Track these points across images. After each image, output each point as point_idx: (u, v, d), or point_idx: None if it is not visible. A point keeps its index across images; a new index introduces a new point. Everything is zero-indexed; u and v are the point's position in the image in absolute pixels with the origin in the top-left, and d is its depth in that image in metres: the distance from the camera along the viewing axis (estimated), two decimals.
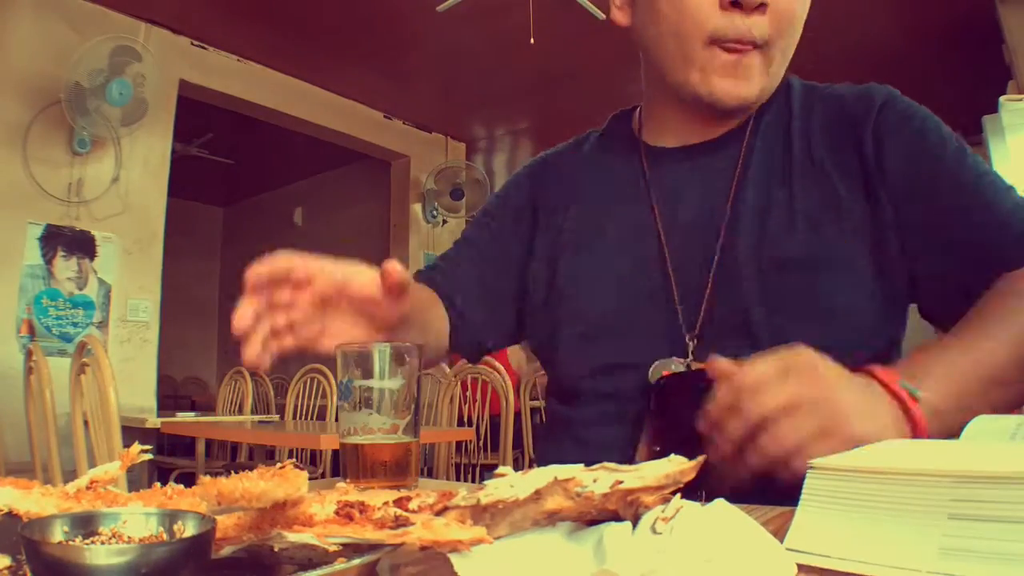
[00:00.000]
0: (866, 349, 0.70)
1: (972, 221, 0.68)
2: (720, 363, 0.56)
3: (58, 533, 0.31)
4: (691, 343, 0.72)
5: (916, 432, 0.53)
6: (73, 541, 0.31)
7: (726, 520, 0.32)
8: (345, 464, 0.59)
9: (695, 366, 0.70)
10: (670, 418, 0.69)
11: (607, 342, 0.77)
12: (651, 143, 0.84)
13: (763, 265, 0.70)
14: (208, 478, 0.33)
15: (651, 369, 0.72)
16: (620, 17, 0.81)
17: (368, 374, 0.59)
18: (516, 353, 3.97)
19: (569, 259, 0.82)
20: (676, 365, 0.72)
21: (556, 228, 0.86)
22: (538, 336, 0.87)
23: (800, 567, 0.33)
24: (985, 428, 0.49)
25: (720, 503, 0.33)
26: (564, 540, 0.34)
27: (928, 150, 0.71)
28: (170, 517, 0.33)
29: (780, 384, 0.52)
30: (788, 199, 0.72)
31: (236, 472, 0.34)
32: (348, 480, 0.58)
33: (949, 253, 0.69)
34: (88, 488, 0.42)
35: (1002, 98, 2.66)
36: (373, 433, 0.58)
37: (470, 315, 0.88)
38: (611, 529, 0.33)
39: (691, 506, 0.33)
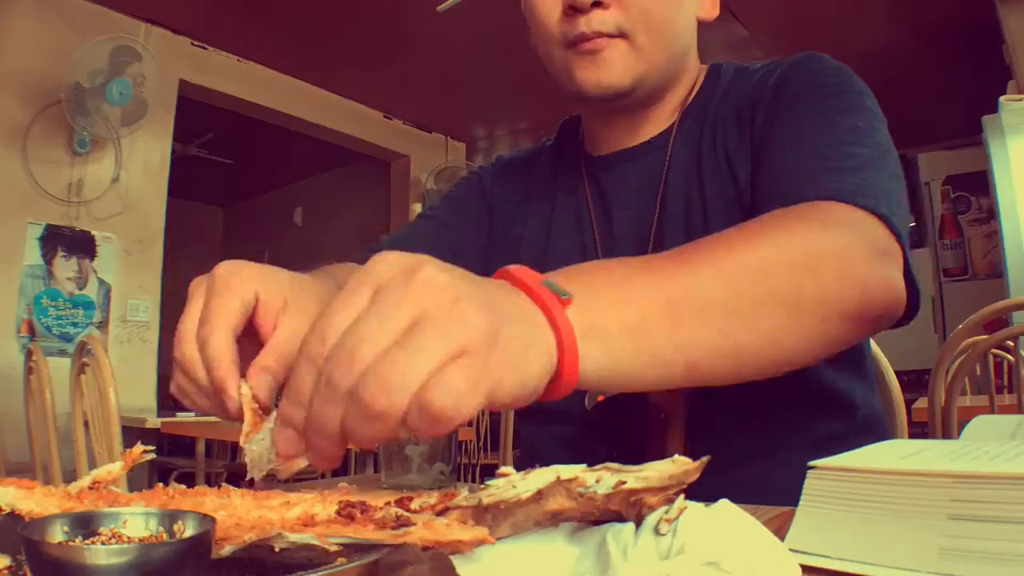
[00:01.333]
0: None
1: (774, 165, 0.65)
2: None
3: (58, 533, 0.31)
4: None
5: (562, 350, 0.37)
6: (73, 541, 0.31)
7: (731, 521, 0.32)
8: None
9: None
10: (616, 438, 0.67)
11: None
12: (589, 151, 0.83)
13: None
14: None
15: (587, 396, 0.70)
16: (530, 39, 0.79)
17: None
18: None
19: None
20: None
21: (512, 240, 0.85)
22: None
23: (801, 567, 0.33)
24: (985, 428, 0.49)
25: (724, 503, 0.34)
26: (566, 542, 0.34)
27: (786, 104, 0.68)
28: (170, 517, 0.33)
29: (376, 306, 0.33)
30: (701, 202, 0.71)
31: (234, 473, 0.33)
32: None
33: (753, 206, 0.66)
34: (90, 488, 0.42)
35: (1002, 98, 2.66)
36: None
37: None
38: (614, 530, 0.33)
39: (695, 507, 0.33)
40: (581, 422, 0.71)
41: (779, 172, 0.63)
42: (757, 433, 0.67)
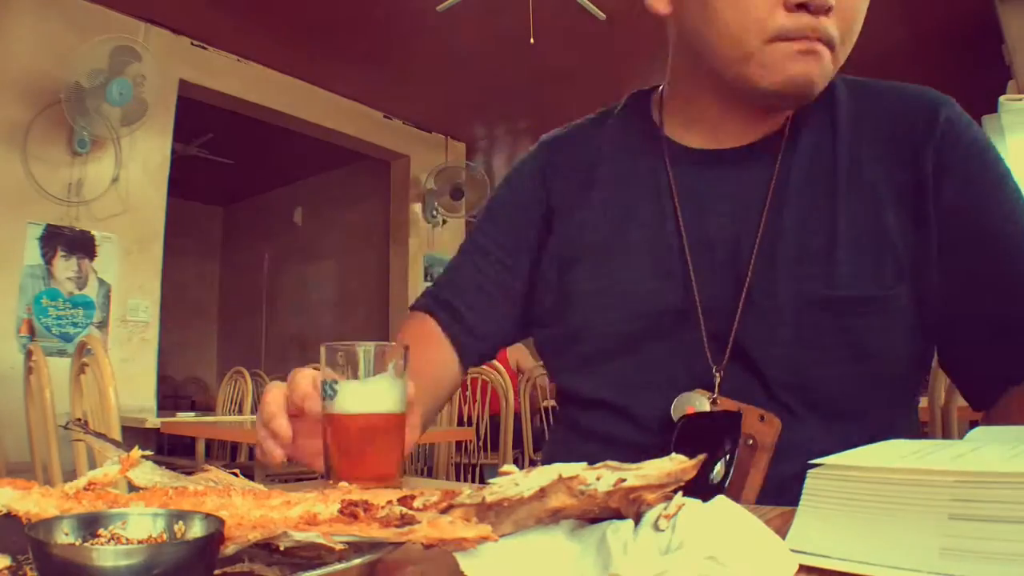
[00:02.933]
0: (896, 381, 0.69)
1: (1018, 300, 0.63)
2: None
3: (63, 534, 0.31)
4: (718, 375, 0.67)
5: None
6: (78, 542, 0.31)
7: (729, 517, 0.32)
8: (325, 445, 0.58)
9: (722, 403, 0.65)
10: (692, 454, 0.66)
11: (621, 362, 0.72)
12: (676, 140, 0.77)
13: (801, 301, 0.66)
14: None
15: (674, 403, 0.67)
16: (658, 5, 0.73)
17: (353, 374, 0.58)
18: (515, 352, 3.96)
19: (586, 266, 0.76)
20: (700, 401, 0.66)
21: (574, 225, 0.79)
22: (544, 344, 0.82)
23: (801, 567, 0.33)
24: (984, 438, 0.49)
25: (721, 499, 0.34)
26: (567, 538, 0.34)
27: (987, 197, 0.66)
28: (174, 518, 0.33)
29: None
30: (831, 224, 0.67)
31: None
32: (332, 481, 0.57)
33: (987, 323, 0.64)
34: (86, 489, 0.42)
35: (1002, 98, 2.66)
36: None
37: (480, 328, 0.85)
38: (614, 527, 0.33)
39: (693, 503, 0.33)
40: (655, 430, 0.69)
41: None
42: None
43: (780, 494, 0.61)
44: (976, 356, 0.67)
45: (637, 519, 0.33)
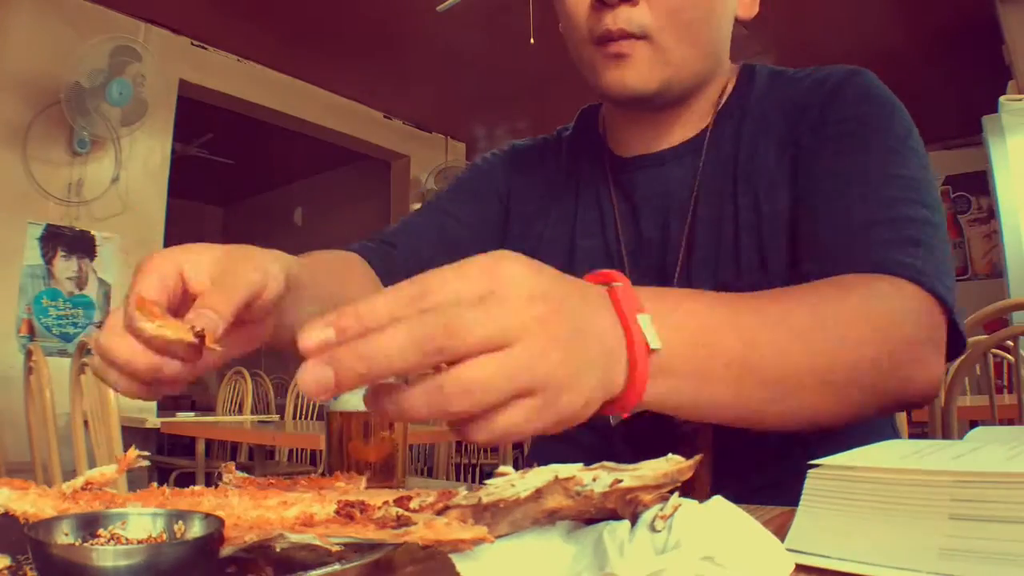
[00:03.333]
0: None
1: (829, 213, 0.63)
2: None
3: (63, 534, 0.31)
4: None
5: (631, 387, 0.38)
6: (78, 542, 0.31)
7: (725, 517, 0.32)
8: (328, 442, 0.58)
9: None
10: (640, 450, 0.67)
11: None
12: (613, 149, 0.80)
13: (715, 286, 0.65)
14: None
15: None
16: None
17: None
18: None
19: None
20: None
21: (533, 239, 0.82)
22: None
23: (800, 567, 0.33)
24: (984, 438, 0.49)
25: (718, 500, 0.34)
26: (563, 540, 0.34)
27: (834, 133, 0.66)
28: (174, 518, 0.33)
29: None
30: (733, 210, 0.69)
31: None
32: (336, 474, 0.57)
33: (804, 245, 0.65)
34: (84, 489, 0.41)
35: (1002, 98, 2.66)
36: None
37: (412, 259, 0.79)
38: (610, 528, 0.33)
39: (689, 504, 0.33)
40: (602, 432, 0.70)
41: (831, 226, 0.62)
42: (780, 443, 0.67)
43: (739, 462, 0.63)
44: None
45: (634, 520, 0.33)
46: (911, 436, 1.07)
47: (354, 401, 0.58)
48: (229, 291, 0.44)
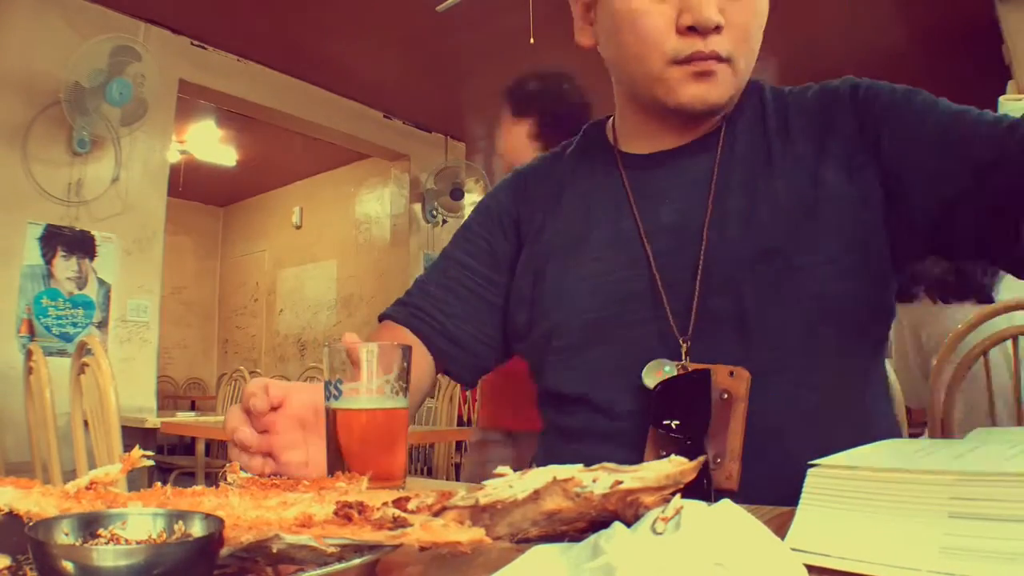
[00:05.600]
0: (856, 326, 0.72)
1: (968, 130, 0.66)
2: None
3: (63, 534, 0.31)
4: (684, 344, 0.72)
5: None
6: (78, 542, 0.31)
7: (732, 521, 0.32)
8: (330, 442, 0.58)
9: (691, 367, 0.70)
10: (679, 416, 0.68)
11: (596, 350, 0.76)
12: (626, 151, 0.84)
13: (751, 256, 0.70)
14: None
15: (643, 372, 0.71)
16: (584, 39, 0.83)
17: (356, 375, 0.58)
18: None
19: (553, 270, 0.82)
20: (669, 367, 0.70)
21: (541, 242, 0.85)
22: (529, 350, 0.85)
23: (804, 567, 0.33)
24: (985, 436, 0.49)
25: (725, 503, 0.33)
26: (560, 552, 0.34)
27: (905, 104, 0.71)
28: (174, 518, 0.33)
29: None
30: (773, 195, 0.73)
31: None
32: (338, 473, 0.57)
33: (975, 201, 0.65)
34: (88, 489, 0.42)
35: (1002, 98, 2.66)
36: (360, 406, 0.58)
37: (465, 339, 0.87)
38: (606, 535, 0.33)
39: (695, 506, 0.33)
40: (630, 409, 0.73)
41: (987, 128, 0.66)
42: (811, 420, 0.69)
43: (763, 442, 0.67)
44: (990, 232, 0.66)
45: (635, 522, 0.33)
46: (911, 436, 1.07)
47: (357, 400, 0.58)
48: None
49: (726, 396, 0.68)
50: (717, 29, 0.70)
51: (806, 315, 0.69)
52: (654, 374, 0.70)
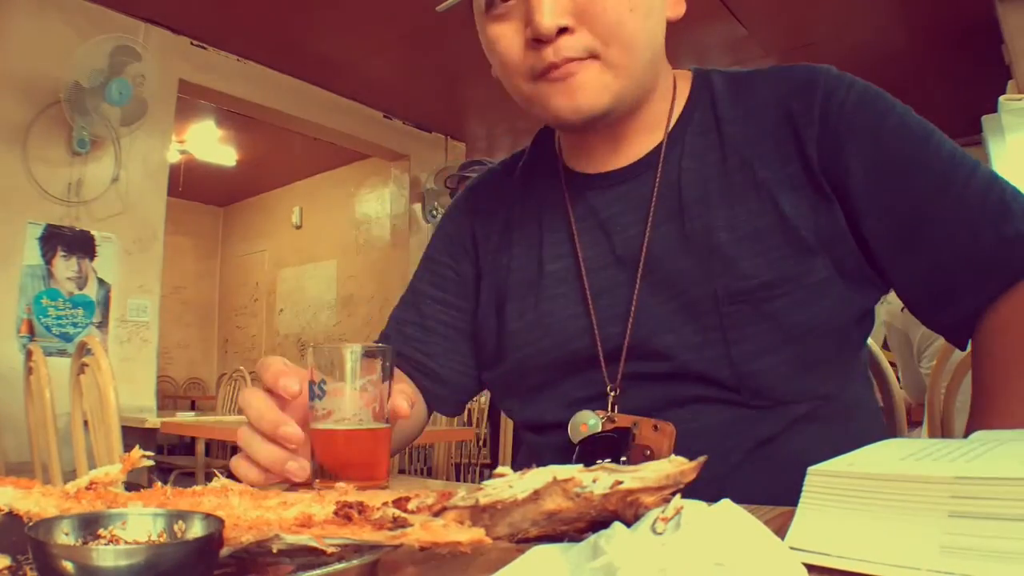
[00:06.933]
0: (829, 359, 0.68)
1: (952, 222, 0.63)
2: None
3: (63, 534, 0.31)
4: (612, 393, 0.69)
5: None
6: (78, 542, 0.31)
7: (732, 521, 0.32)
8: (314, 457, 0.58)
9: (617, 418, 0.67)
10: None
11: (564, 384, 0.74)
12: (571, 166, 0.80)
13: (718, 299, 0.66)
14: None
15: (569, 425, 0.69)
16: (493, 72, 0.77)
17: (341, 375, 0.58)
18: None
19: (513, 310, 0.79)
20: (594, 420, 0.68)
21: (501, 271, 0.82)
22: (493, 383, 0.84)
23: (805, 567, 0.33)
24: (985, 436, 0.49)
25: (726, 503, 0.33)
26: (560, 552, 0.34)
27: (888, 143, 0.66)
28: (174, 518, 0.33)
29: None
30: (731, 222, 0.68)
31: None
32: (317, 480, 0.57)
33: (932, 257, 0.64)
34: (88, 489, 0.42)
35: (1002, 98, 2.66)
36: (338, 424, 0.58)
37: (449, 375, 0.85)
38: (606, 535, 0.33)
39: (696, 505, 0.33)
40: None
41: (952, 242, 0.63)
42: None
43: (732, 483, 0.62)
44: (937, 298, 0.66)
45: (635, 522, 0.33)
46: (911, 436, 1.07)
47: (338, 421, 0.58)
48: None
49: (648, 452, 0.65)
50: (563, 32, 0.64)
51: (780, 356, 0.65)
52: (579, 427, 0.68)
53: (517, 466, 0.84)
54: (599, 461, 0.33)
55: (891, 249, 0.66)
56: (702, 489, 0.59)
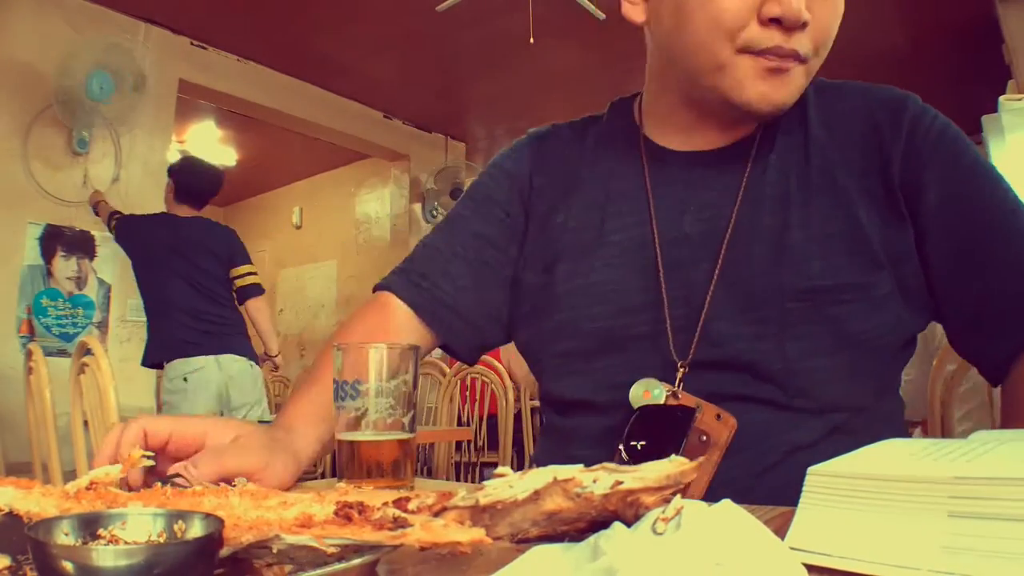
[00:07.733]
0: (879, 370, 0.70)
1: (1010, 263, 0.66)
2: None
3: (63, 534, 0.31)
4: (681, 369, 0.68)
5: None
6: (78, 542, 0.31)
7: (732, 521, 0.32)
8: (341, 463, 0.59)
9: (682, 396, 0.66)
10: (643, 447, 0.66)
11: (600, 360, 0.73)
12: (653, 140, 0.79)
13: (782, 294, 0.66)
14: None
15: (631, 390, 0.68)
16: (633, 13, 0.73)
17: (366, 375, 0.59)
18: (506, 353, 3.94)
19: (564, 270, 0.77)
20: (659, 391, 0.67)
21: (554, 229, 0.80)
22: (529, 344, 0.82)
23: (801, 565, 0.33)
24: (985, 436, 0.49)
25: (726, 503, 0.33)
26: (561, 551, 0.34)
27: (966, 184, 0.69)
28: (174, 518, 0.33)
29: None
30: (806, 221, 0.68)
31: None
32: (345, 480, 0.58)
33: (984, 292, 0.67)
34: (88, 489, 0.42)
35: (1002, 98, 2.66)
36: (369, 431, 0.58)
37: (471, 312, 0.81)
38: (606, 535, 0.33)
39: (696, 505, 0.33)
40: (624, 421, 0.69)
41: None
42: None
43: (763, 483, 0.64)
44: (982, 331, 0.68)
45: (635, 522, 0.33)
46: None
47: (364, 432, 0.59)
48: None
49: (704, 439, 0.63)
50: (803, 26, 0.64)
51: (833, 360, 0.66)
52: (641, 394, 0.67)
53: (540, 453, 0.84)
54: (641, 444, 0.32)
55: (946, 277, 0.68)
56: (735, 482, 0.61)
